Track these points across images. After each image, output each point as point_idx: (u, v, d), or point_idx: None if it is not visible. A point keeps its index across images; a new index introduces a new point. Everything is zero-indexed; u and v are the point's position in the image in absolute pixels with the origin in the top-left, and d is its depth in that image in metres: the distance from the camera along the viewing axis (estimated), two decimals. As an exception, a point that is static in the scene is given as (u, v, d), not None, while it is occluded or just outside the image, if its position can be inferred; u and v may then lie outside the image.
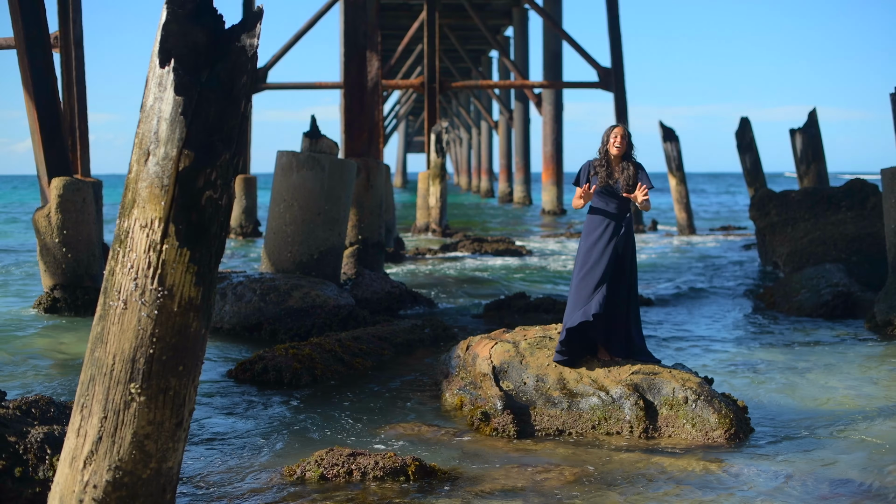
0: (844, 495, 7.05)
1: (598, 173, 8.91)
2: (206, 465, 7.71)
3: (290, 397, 9.94)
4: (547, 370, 9.06)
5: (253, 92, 32.85)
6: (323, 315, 13.24)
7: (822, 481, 7.33)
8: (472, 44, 64.83)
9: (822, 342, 12.89)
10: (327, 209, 14.95)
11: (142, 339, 5.01)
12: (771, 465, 7.71)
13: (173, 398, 5.11)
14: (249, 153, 33.95)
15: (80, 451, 5.13)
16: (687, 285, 19.52)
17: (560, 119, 44.68)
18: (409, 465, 7.30)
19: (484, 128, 79.78)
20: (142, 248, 5.00)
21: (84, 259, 14.75)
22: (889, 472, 7.54)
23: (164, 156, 4.95)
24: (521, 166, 56.09)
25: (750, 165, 27.26)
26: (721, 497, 6.96)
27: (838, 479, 7.41)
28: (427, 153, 32.63)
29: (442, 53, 67.15)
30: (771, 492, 7.09)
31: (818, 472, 7.56)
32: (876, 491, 7.13)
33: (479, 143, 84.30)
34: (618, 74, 34.14)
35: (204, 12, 5.12)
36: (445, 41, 60.68)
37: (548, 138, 44.91)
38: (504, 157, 63.32)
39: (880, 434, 8.57)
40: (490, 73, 73.90)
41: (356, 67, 18.29)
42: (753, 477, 7.42)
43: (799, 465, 7.73)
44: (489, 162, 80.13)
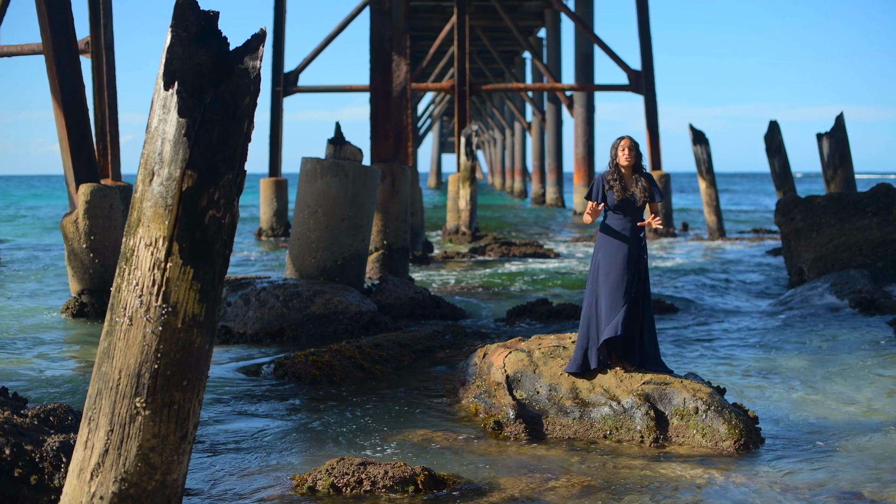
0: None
1: (613, 187, 8.98)
2: (219, 469, 7.84)
3: (309, 403, 10.06)
4: (560, 379, 9.14)
5: (285, 95, 33.10)
6: (345, 321, 13.38)
7: (830, 495, 7.35)
8: (504, 45, 64.86)
9: (843, 349, 12.87)
10: (351, 215, 15.08)
11: (147, 355, 5.14)
12: (778, 478, 7.74)
13: (178, 412, 5.24)
14: (281, 155, 34.14)
15: (87, 463, 5.26)
16: (710, 290, 19.52)
17: (591, 121, 44.70)
18: (418, 474, 7.40)
19: (517, 129, 79.83)
20: (146, 265, 5.13)
21: (111, 264, 14.96)
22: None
23: (167, 176, 5.08)
24: (554, 168, 56.12)
25: (779, 169, 27.18)
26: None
27: (846, 492, 7.43)
28: (457, 156, 32.71)
29: (475, 55, 67.38)
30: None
31: (827, 485, 7.58)
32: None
33: (512, 145, 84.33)
34: (648, 77, 34.12)
35: (209, 35, 5.25)
36: (478, 42, 60.81)
37: (579, 140, 44.93)
38: (537, 158, 63.38)
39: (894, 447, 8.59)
40: (524, 74, 73.91)
41: (381, 74, 18.42)
42: (759, 489, 7.46)
43: (806, 477, 7.76)
44: (522, 163, 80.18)
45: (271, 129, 34.04)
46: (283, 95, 33.88)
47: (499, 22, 50.69)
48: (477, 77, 76.64)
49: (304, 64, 34.15)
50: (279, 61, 33.84)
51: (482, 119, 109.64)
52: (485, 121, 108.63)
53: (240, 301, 13.78)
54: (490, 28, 56.56)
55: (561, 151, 55.35)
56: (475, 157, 32.09)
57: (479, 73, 75.36)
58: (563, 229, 39.65)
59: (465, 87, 34.87)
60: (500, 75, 74.35)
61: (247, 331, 13.48)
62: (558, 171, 56.25)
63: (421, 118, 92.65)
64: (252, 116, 5.30)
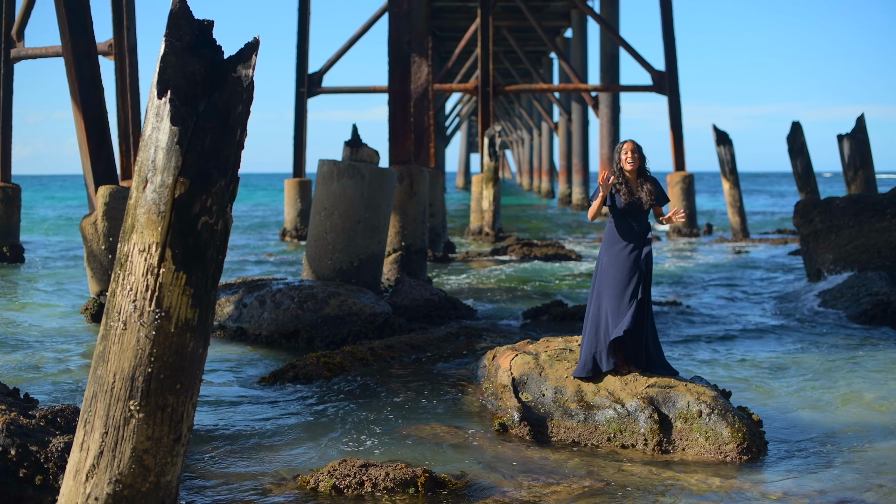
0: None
1: (620, 191, 9.03)
2: (223, 468, 7.93)
3: (320, 402, 10.14)
4: (565, 382, 9.19)
5: (309, 96, 33.24)
6: (359, 323, 13.46)
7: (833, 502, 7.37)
8: (531, 45, 64.88)
9: (858, 353, 12.85)
10: (367, 217, 15.17)
11: (140, 359, 5.23)
12: (780, 484, 7.77)
13: (171, 415, 5.33)
14: (305, 156, 34.30)
15: (82, 465, 5.36)
16: (727, 291, 19.52)
17: (617, 121, 44.63)
18: (419, 476, 7.47)
19: (545, 129, 79.75)
20: (140, 271, 5.21)
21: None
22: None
23: (160, 183, 5.16)
24: (580, 168, 56.05)
25: (801, 170, 27.11)
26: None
27: (849, 499, 7.44)
28: (481, 156, 32.77)
29: (501, 55, 67.44)
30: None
31: (829, 492, 7.59)
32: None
33: (539, 145, 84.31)
34: (672, 78, 34.06)
35: (203, 44, 5.33)
36: (504, 43, 60.86)
37: (604, 140, 44.86)
38: (564, 158, 63.36)
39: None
40: (551, 74, 73.83)
41: (400, 76, 18.49)
42: (759, 495, 7.49)
43: (809, 483, 7.78)
44: (550, 163, 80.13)
45: (295, 129, 34.18)
46: (308, 96, 34.02)
47: (525, 22, 50.67)
48: (504, 77, 76.73)
49: (328, 65, 34.28)
50: (303, 62, 33.98)
51: (510, 119, 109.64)
52: (513, 121, 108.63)
53: (255, 302, 13.88)
54: (516, 28, 56.58)
55: (587, 152, 55.33)
56: (498, 157, 32.13)
57: (506, 74, 75.39)
58: (588, 229, 39.62)
59: (488, 87, 34.91)
60: (526, 76, 74.34)
61: (262, 332, 13.58)
62: (584, 172, 56.19)
63: (449, 117, 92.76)
64: (245, 124, 5.38)
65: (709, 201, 71.58)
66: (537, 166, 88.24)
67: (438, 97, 53.55)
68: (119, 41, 22.75)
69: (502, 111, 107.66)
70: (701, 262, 26.11)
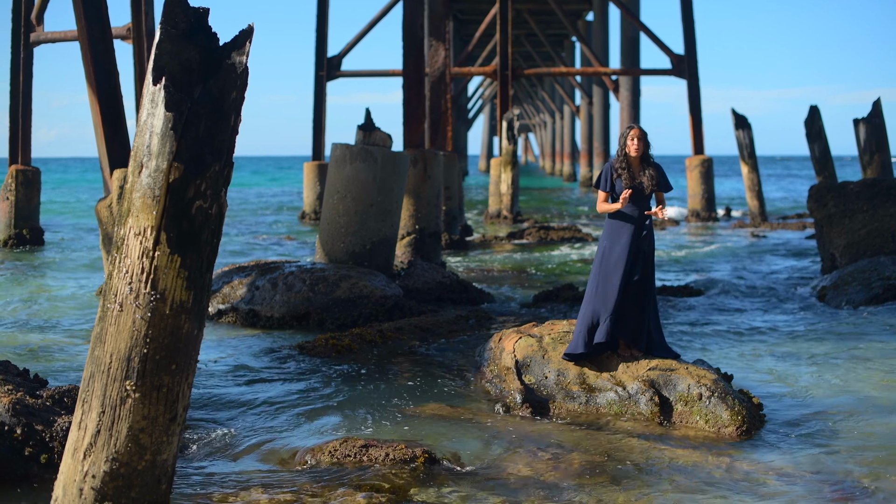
0: (849, 499, 7.15)
1: (622, 175, 9.10)
2: (227, 445, 8.07)
3: (329, 382, 10.27)
4: (568, 365, 9.28)
5: (328, 80, 33.33)
6: (370, 305, 13.57)
7: (829, 483, 7.42)
8: (553, 28, 64.78)
9: (865, 337, 12.87)
10: (380, 200, 15.27)
11: (136, 340, 5.35)
12: (778, 464, 7.83)
13: (167, 395, 5.44)
14: (324, 139, 34.41)
15: (80, 443, 5.48)
16: (741, 276, 19.54)
17: (637, 104, 44.55)
18: (418, 456, 7.59)
19: (567, 112, 79.68)
20: (136, 254, 5.33)
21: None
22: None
23: (155, 168, 5.27)
24: (601, 151, 55.99)
25: (819, 154, 27.04)
26: (721, 494, 7.13)
27: (846, 481, 7.49)
28: (499, 140, 32.83)
29: (523, 38, 67.38)
30: (770, 493, 7.22)
31: (826, 474, 7.65)
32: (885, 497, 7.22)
33: (561, 128, 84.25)
34: (691, 61, 33.98)
35: (198, 31, 5.42)
36: (525, 26, 60.78)
37: (625, 124, 44.79)
38: (585, 141, 63.33)
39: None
40: (573, 57, 73.70)
41: (414, 61, 18.56)
42: (757, 475, 7.56)
43: (807, 465, 7.83)
44: (572, 146, 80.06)
45: (315, 112, 34.29)
46: (327, 80, 34.11)
47: (546, 6, 50.56)
48: (526, 60, 76.63)
49: (347, 48, 34.34)
50: (322, 46, 34.06)
51: (533, 103, 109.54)
52: (535, 104, 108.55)
53: (267, 285, 14.01)
54: (537, 11, 56.47)
55: (608, 135, 55.29)
56: (517, 141, 32.18)
57: (528, 57, 75.30)
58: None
59: (507, 71, 34.90)
60: (548, 59, 74.21)
61: (273, 314, 13.71)
62: (605, 155, 56.09)
63: (471, 100, 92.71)
64: (239, 110, 5.47)
65: (739, 183, 71.29)
66: (559, 149, 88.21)
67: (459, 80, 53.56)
68: (137, 25, 22.90)
69: (525, 94, 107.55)
70: (716, 246, 26.11)
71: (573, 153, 79.93)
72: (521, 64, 75.86)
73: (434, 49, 24.70)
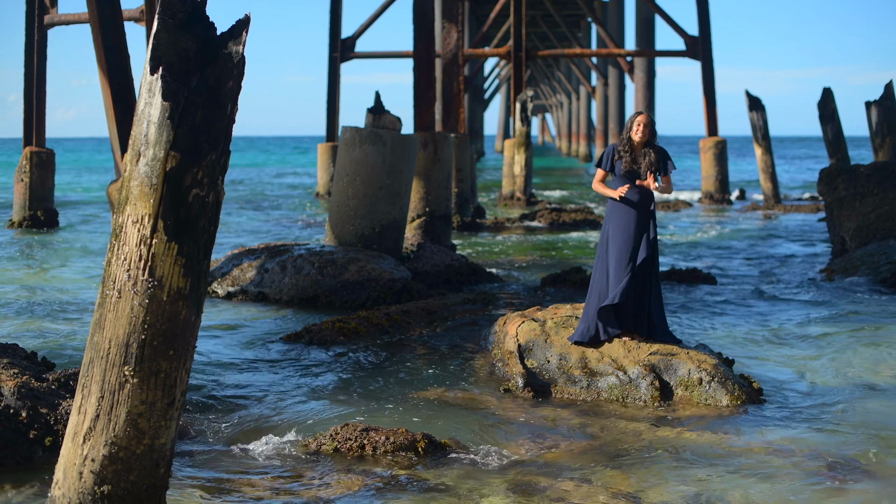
0: (841, 478, 7.21)
1: (623, 158, 9.17)
2: (230, 428, 8.18)
3: (333, 365, 10.37)
4: (570, 349, 9.35)
5: (342, 61, 33.37)
6: (378, 288, 13.65)
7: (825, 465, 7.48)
8: (569, 9, 64.59)
9: (870, 321, 12.90)
10: (389, 183, 15.34)
11: (134, 326, 5.42)
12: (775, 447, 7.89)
13: (164, 380, 5.52)
14: (338, 120, 34.49)
15: (80, 428, 5.57)
16: (748, 259, 19.58)
17: (652, 86, 44.45)
18: (419, 440, 7.67)
19: (583, 93, 79.58)
20: (133, 241, 5.40)
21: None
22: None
23: (152, 157, 5.34)
24: (616, 132, 55.83)
25: (832, 136, 26.98)
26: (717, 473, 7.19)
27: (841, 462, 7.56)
28: (512, 121, 32.83)
29: (539, 19, 67.24)
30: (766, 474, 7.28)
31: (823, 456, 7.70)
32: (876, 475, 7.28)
33: (577, 109, 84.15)
34: (705, 43, 33.90)
35: (196, 20, 5.49)
36: (541, 6, 60.62)
37: (640, 105, 44.70)
38: (601, 122, 63.24)
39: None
40: (589, 38, 73.51)
41: (424, 43, 18.58)
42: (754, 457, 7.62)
43: (804, 447, 7.89)
44: (588, 127, 80.00)
45: (329, 94, 34.36)
46: (341, 61, 34.15)
47: (562, -14, 50.51)
48: (542, 41, 76.49)
49: (361, 30, 34.38)
50: (336, 27, 34.10)
51: (549, 83, 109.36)
52: (552, 85, 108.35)
53: (276, 267, 14.10)
54: (554, -8, 56.39)
55: (624, 116, 55.16)
56: (530, 122, 32.18)
57: (544, 37, 75.13)
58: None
59: (521, 53, 34.86)
60: (564, 40, 74.03)
61: (282, 297, 13.80)
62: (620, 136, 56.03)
63: (487, 79, 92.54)
64: (236, 99, 5.53)
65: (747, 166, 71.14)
66: (575, 130, 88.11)
67: (475, 61, 53.51)
68: (150, 7, 22.92)
69: (542, 75, 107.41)
70: (728, 229, 26.12)
71: (589, 134, 79.88)
72: (537, 45, 75.77)
73: (447, 31, 24.70)
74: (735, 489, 6.94)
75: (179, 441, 7.85)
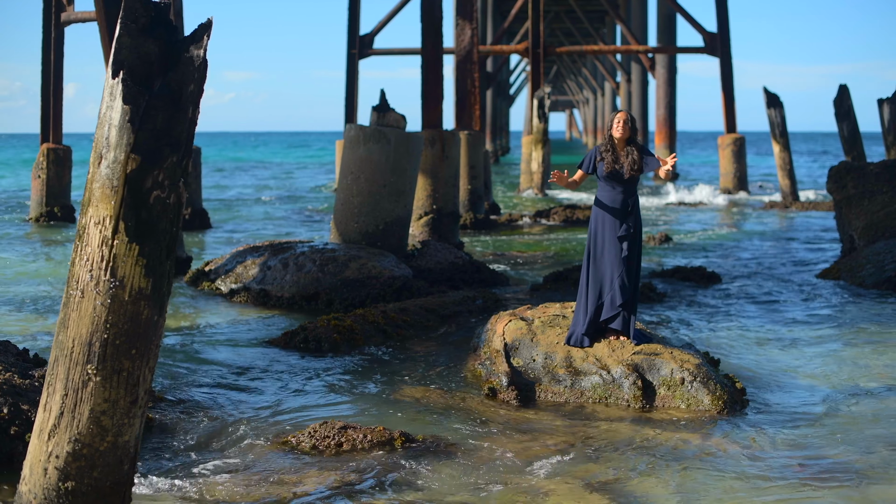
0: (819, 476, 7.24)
1: (605, 158, 9.21)
2: (207, 424, 8.26)
3: (324, 363, 10.46)
4: (556, 348, 9.40)
5: (360, 58, 33.47)
6: (378, 286, 13.72)
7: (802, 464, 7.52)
8: (593, 5, 64.52)
9: (869, 322, 12.88)
10: (393, 181, 15.41)
11: (97, 325, 5.52)
12: (752, 447, 7.92)
13: (127, 378, 5.62)
14: (356, 117, 34.56)
15: (45, 425, 5.68)
16: (760, 258, 19.54)
17: (673, 82, 44.38)
18: (395, 438, 7.76)
19: (608, 89, 79.45)
20: (96, 242, 5.50)
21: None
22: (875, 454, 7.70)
23: (113, 159, 5.43)
24: (640, 128, 55.83)
25: (847, 133, 26.90)
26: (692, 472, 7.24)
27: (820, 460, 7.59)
28: (529, 118, 32.87)
29: (563, 15, 67.19)
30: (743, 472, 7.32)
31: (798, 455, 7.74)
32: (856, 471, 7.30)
33: (602, 105, 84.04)
34: (724, 40, 33.84)
35: (159, 25, 5.57)
36: (565, 2, 60.61)
37: (661, 101, 44.69)
38: (625, 118, 63.02)
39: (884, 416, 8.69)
40: (614, 34, 73.40)
41: (431, 41, 18.65)
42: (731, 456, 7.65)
43: (781, 446, 7.92)
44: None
45: (347, 90, 34.46)
46: (359, 58, 34.26)
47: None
48: (567, 37, 76.42)
49: (379, 26, 34.47)
50: (355, 24, 34.19)
51: (576, 80, 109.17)
52: (578, 81, 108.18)
53: (279, 265, 14.21)
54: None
55: (647, 112, 55.06)
56: (547, 119, 32.23)
57: (568, 33, 75.08)
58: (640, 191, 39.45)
59: (538, 49, 34.88)
60: (588, 35, 73.95)
61: (284, 294, 13.90)
62: (644, 133, 55.95)
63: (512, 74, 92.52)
64: (197, 102, 5.62)
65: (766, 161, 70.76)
66: (601, 126, 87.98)
67: (498, 57, 53.49)
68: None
69: (568, 71, 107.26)
70: (741, 227, 26.08)
71: (613, 130, 79.66)
72: (562, 40, 75.74)
73: (460, 28, 24.75)
74: (712, 489, 6.99)
75: (155, 437, 7.97)
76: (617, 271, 9.12)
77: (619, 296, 9.13)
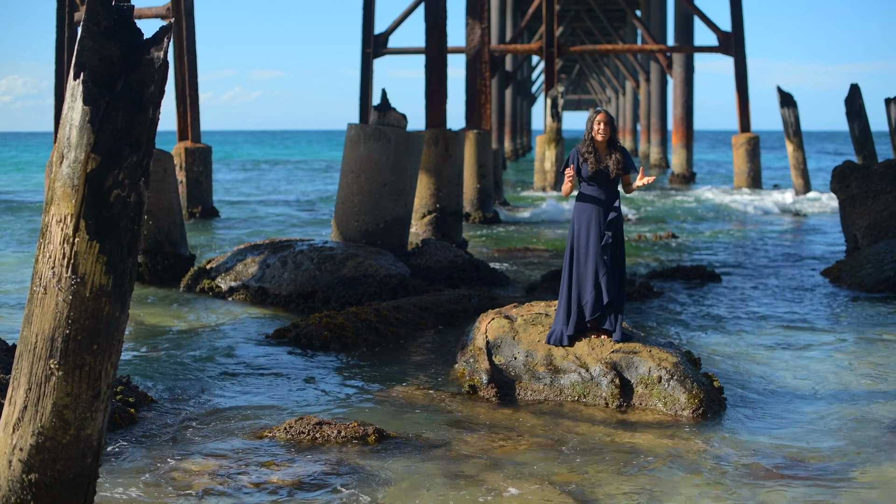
0: (790, 476, 7.30)
1: (588, 160, 9.26)
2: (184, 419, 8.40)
3: (314, 361, 10.58)
4: (537, 346, 9.49)
5: (375, 57, 33.58)
6: (374, 284, 13.83)
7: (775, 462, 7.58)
8: (612, 4, 64.44)
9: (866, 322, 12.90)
10: (393, 180, 15.52)
11: (59, 321, 5.66)
12: (727, 444, 7.99)
13: (89, 373, 5.75)
14: (370, 115, 34.69)
15: (10, 418, 5.82)
16: (764, 258, 19.56)
17: (690, 81, 44.29)
18: (369, 434, 7.88)
19: (628, 89, 79.41)
20: (58, 240, 5.64)
21: (165, 226, 15.66)
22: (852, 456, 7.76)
23: (74, 159, 5.57)
24: (658, 128, 55.83)
25: (858, 133, 26.84)
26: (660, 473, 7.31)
27: (793, 460, 7.65)
28: (544, 117, 32.92)
29: (583, 14, 67.13)
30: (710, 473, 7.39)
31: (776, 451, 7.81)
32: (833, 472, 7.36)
33: (623, 105, 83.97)
34: (738, 39, 33.81)
35: (121, 28, 5.70)
36: (585, 2, 60.60)
37: (678, 100, 44.60)
38: (644, 118, 63.08)
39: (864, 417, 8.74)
40: (635, 34, 73.24)
41: (435, 41, 18.74)
42: (702, 455, 7.72)
43: (754, 446, 7.99)
44: (633, 122, 79.82)
45: (361, 89, 34.59)
46: (374, 57, 34.38)
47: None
48: (588, 35, 76.32)
49: (393, 26, 34.57)
50: (369, 24, 34.31)
51: (598, 79, 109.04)
52: (600, 81, 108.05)
53: (277, 263, 14.34)
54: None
55: (665, 111, 55.01)
56: (561, 118, 32.27)
57: (589, 32, 74.97)
58: (655, 191, 39.50)
59: (552, 48, 34.92)
60: (608, 34, 73.89)
61: (281, 292, 14.04)
62: (662, 132, 55.97)
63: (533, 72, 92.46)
64: (158, 103, 5.74)
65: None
66: (621, 126, 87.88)
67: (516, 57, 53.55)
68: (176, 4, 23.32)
69: (591, 70, 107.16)
70: (750, 226, 26.07)
71: (634, 129, 79.72)
72: (583, 39, 75.66)
73: (470, 27, 24.85)
74: (680, 488, 7.06)
75: (137, 428, 8.12)
76: (602, 270, 9.18)
77: (605, 294, 9.19)
